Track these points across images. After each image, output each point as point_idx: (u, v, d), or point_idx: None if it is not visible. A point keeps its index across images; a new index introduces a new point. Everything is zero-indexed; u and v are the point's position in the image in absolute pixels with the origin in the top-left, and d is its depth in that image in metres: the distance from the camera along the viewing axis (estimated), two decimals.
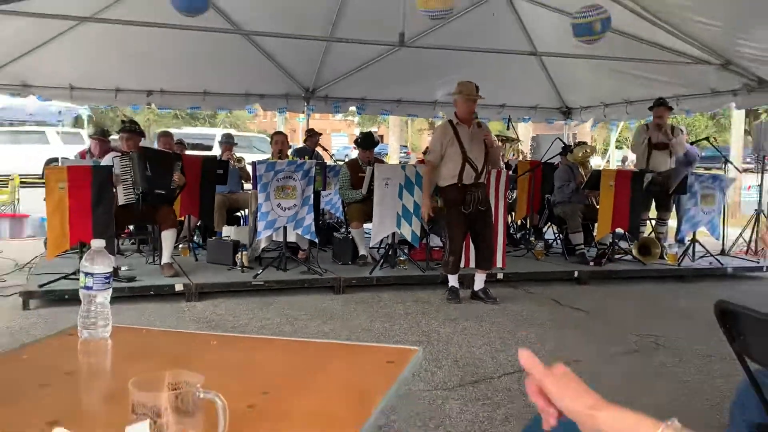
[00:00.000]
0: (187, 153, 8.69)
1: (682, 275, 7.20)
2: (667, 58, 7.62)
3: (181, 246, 7.09)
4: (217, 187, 7.46)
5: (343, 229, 7.68)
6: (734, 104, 8.40)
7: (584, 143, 9.10)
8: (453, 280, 5.93)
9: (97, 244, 1.59)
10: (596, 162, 15.72)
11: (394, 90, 10.17)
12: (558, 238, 8.39)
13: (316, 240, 6.65)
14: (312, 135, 9.35)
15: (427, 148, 7.35)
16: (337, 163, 9.47)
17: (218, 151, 9.23)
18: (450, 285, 5.93)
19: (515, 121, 10.78)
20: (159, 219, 6.09)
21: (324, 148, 9.81)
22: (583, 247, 7.52)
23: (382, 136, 27.83)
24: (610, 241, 7.57)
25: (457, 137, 5.63)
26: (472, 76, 6.28)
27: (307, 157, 7.80)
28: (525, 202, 8.31)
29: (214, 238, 7.17)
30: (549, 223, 8.64)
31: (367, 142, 7.30)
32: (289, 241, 6.50)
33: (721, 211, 7.81)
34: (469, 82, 5.74)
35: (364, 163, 7.13)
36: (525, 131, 16.54)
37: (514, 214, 8.68)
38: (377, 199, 6.41)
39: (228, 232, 7.35)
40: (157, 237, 6.31)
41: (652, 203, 8.10)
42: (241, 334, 3.00)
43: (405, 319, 5.26)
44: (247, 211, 7.93)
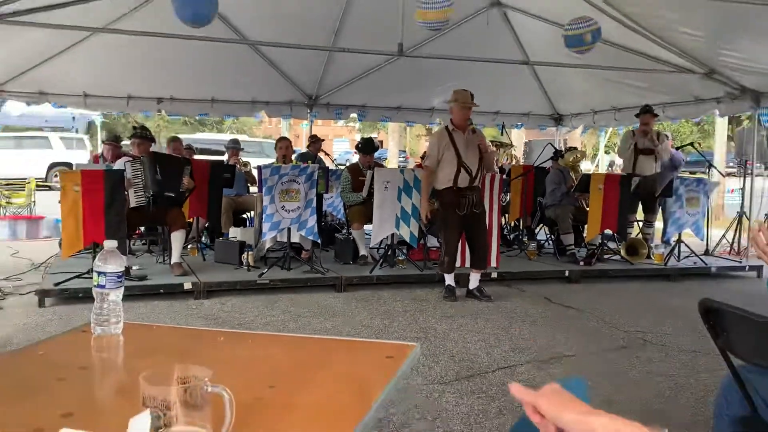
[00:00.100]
0: (196, 157, 8.69)
1: (668, 274, 7.20)
2: (654, 67, 7.63)
3: (189, 246, 7.09)
4: (224, 190, 7.46)
5: (345, 231, 7.68)
6: (717, 111, 8.41)
7: (574, 148, 9.10)
8: (449, 279, 5.92)
9: (109, 245, 1.59)
10: (586, 166, 15.72)
11: (394, 97, 10.18)
12: (550, 239, 8.39)
13: (319, 241, 6.64)
14: (315, 140, 9.35)
15: (424, 153, 7.35)
16: (339, 167, 9.46)
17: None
18: (446, 284, 5.93)
19: (509, 128, 10.78)
20: (169, 221, 6.09)
21: (326, 153, 9.82)
22: (573, 247, 7.53)
23: (381, 142, 27.74)
24: (600, 241, 7.57)
25: (453, 143, 5.63)
26: (468, 85, 6.28)
27: (310, 162, 7.80)
28: (518, 205, 8.31)
29: (222, 238, 7.17)
30: (541, 225, 8.64)
31: (367, 147, 7.31)
32: (293, 241, 6.50)
33: (705, 213, 7.81)
34: (464, 91, 5.74)
35: (364, 167, 7.13)
36: (518, 137, 16.53)
37: (507, 215, 8.67)
38: (377, 202, 6.41)
39: (234, 233, 7.34)
40: (167, 238, 6.30)
41: (639, 205, 8.11)
42: (247, 331, 3.00)
43: (403, 317, 5.26)
44: (252, 213, 7.94)
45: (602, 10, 6.77)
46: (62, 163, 17.23)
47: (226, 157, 8.66)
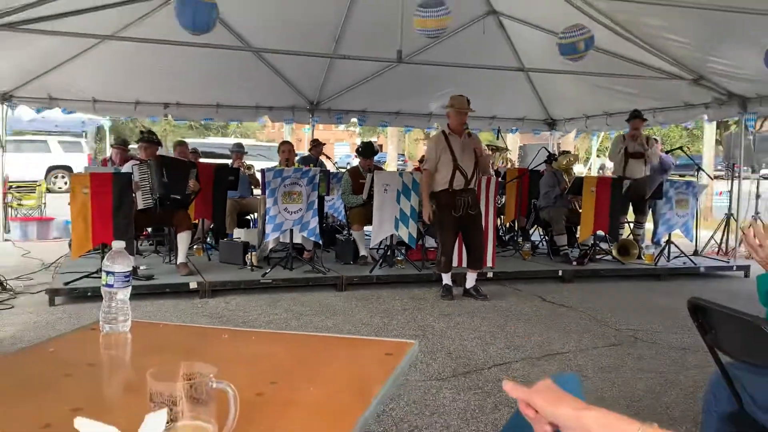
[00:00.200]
0: (204, 161, 8.69)
1: (659, 274, 7.20)
2: (644, 74, 7.64)
3: (195, 247, 7.09)
4: (229, 193, 7.46)
5: (345, 232, 7.68)
6: (706, 116, 8.42)
7: (568, 152, 9.10)
8: (446, 279, 5.92)
9: (117, 245, 1.59)
10: (579, 169, 15.71)
11: (393, 103, 10.19)
12: (543, 240, 8.39)
13: (320, 241, 6.64)
14: (316, 144, 9.35)
15: (422, 157, 7.35)
16: (340, 170, 9.46)
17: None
18: (444, 283, 5.92)
19: (504, 132, 10.79)
20: (175, 222, 6.09)
21: (327, 157, 9.82)
22: (566, 248, 7.53)
23: (381, 146, 27.76)
24: (592, 242, 7.57)
25: (449, 146, 5.63)
26: (465, 91, 6.29)
27: (311, 165, 7.80)
28: (513, 207, 8.32)
29: (226, 239, 7.17)
30: (535, 226, 8.64)
31: (367, 151, 7.31)
32: (295, 242, 6.50)
33: (694, 214, 7.81)
34: (460, 96, 5.74)
35: (364, 171, 7.13)
36: (513, 141, 16.50)
37: (503, 217, 8.67)
38: (377, 204, 6.41)
39: (239, 234, 7.34)
40: (173, 239, 6.31)
41: (629, 207, 8.12)
42: (250, 329, 3.00)
43: (402, 315, 5.25)
44: (256, 214, 7.93)
45: (595, 19, 6.79)
46: (61, 167, 17.17)
47: (230, 160, 8.66)
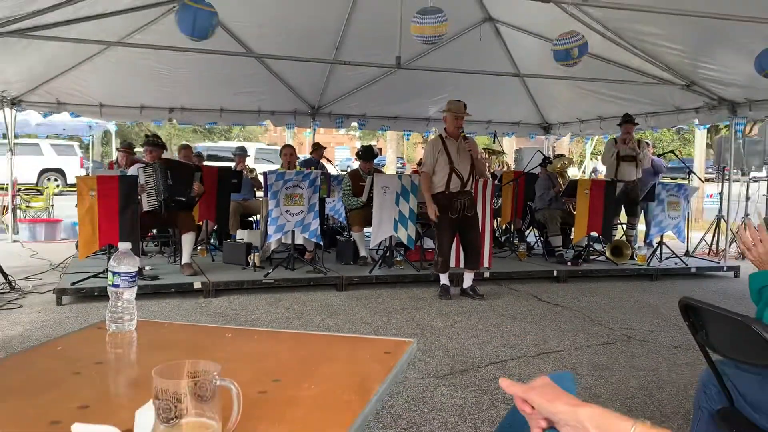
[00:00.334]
0: (206, 164, 8.69)
1: (651, 274, 7.20)
2: (637, 79, 7.65)
3: (199, 248, 7.08)
4: (232, 195, 7.46)
5: (346, 233, 7.68)
6: (697, 121, 8.42)
7: (562, 155, 9.11)
8: (444, 279, 5.92)
9: (123, 246, 1.59)
10: (573, 172, 15.72)
11: (392, 107, 10.19)
12: (539, 241, 8.39)
13: (321, 242, 6.64)
14: (317, 148, 9.36)
15: (420, 160, 7.36)
16: (342, 172, 9.47)
17: (251, 161, 9.21)
18: (441, 283, 5.92)
19: (500, 136, 10.80)
20: (179, 223, 6.09)
21: (328, 160, 9.82)
22: (561, 248, 7.53)
23: (380, 149, 27.77)
24: (586, 243, 7.58)
25: (446, 150, 5.64)
26: (462, 96, 6.30)
27: (313, 168, 7.80)
28: (509, 208, 8.32)
29: (229, 240, 7.17)
30: (531, 227, 8.65)
31: (367, 154, 7.31)
32: (297, 243, 6.50)
33: (686, 216, 7.82)
34: (457, 101, 5.74)
35: (364, 173, 7.13)
36: (509, 145, 16.54)
37: (499, 219, 8.68)
38: (376, 206, 6.41)
39: (241, 236, 7.34)
40: (178, 240, 6.31)
41: (622, 209, 8.12)
42: (253, 327, 3.00)
43: (401, 314, 5.25)
44: (258, 216, 7.93)
45: (589, 26, 6.80)
46: (53, 170, 17.09)
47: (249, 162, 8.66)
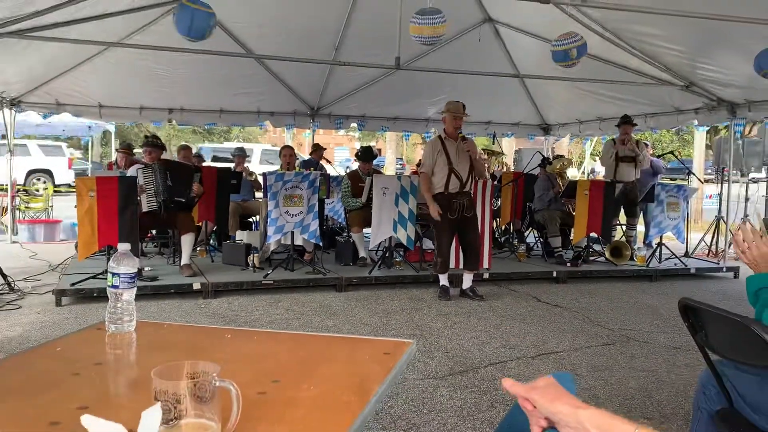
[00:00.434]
0: (213, 165, 8.70)
1: (650, 275, 7.20)
2: (636, 80, 7.65)
3: (198, 249, 7.08)
4: (231, 196, 7.46)
5: (345, 234, 7.67)
6: (696, 122, 8.43)
7: (561, 156, 9.12)
8: (443, 280, 5.92)
9: (123, 247, 1.59)
10: (572, 173, 15.72)
11: (391, 108, 10.19)
12: (538, 242, 8.39)
13: (321, 243, 6.64)
14: (317, 149, 9.36)
15: (420, 161, 7.36)
16: (340, 173, 9.47)
17: (256, 162, 9.21)
18: (441, 284, 5.92)
19: (500, 137, 10.81)
20: (179, 224, 6.08)
21: (328, 161, 9.83)
22: (560, 249, 7.53)
23: (380, 150, 27.79)
24: (585, 244, 7.58)
25: (445, 150, 5.64)
26: (461, 97, 6.30)
27: (312, 169, 7.80)
28: (509, 209, 8.32)
29: (229, 241, 7.16)
30: (530, 228, 8.65)
31: (366, 155, 7.31)
32: (296, 244, 6.50)
33: (685, 217, 7.82)
34: (456, 102, 5.75)
35: (363, 174, 7.13)
36: (508, 145, 16.54)
37: (498, 219, 8.68)
38: (376, 207, 6.41)
39: (241, 237, 7.33)
40: (177, 241, 6.30)
41: (621, 210, 8.12)
42: (252, 328, 3.00)
43: (400, 315, 5.25)
44: (258, 217, 7.93)
45: (588, 27, 6.80)
46: (41, 170, 17.06)
47: (255, 163, 8.66)
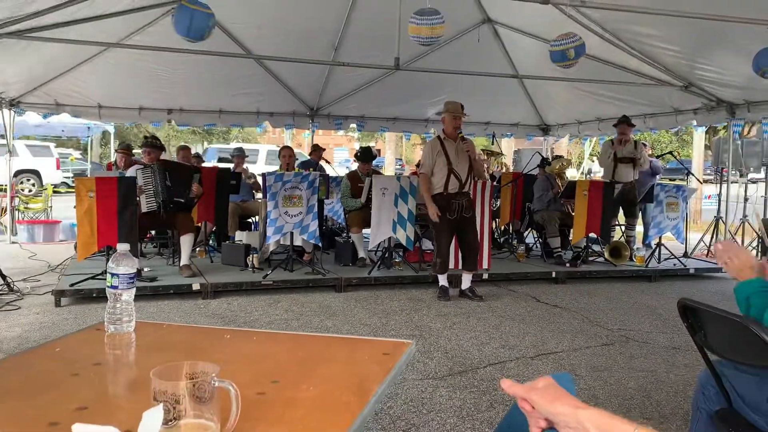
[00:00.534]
0: (204, 165, 8.69)
1: (649, 275, 7.20)
2: (635, 81, 7.66)
3: (198, 249, 7.08)
4: (231, 196, 7.46)
5: (344, 234, 7.67)
6: (695, 122, 8.44)
7: (561, 157, 9.11)
8: (443, 280, 5.92)
9: (122, 248, 1.59)
10: (572, 173, 15.73)
11: (391, 109, 10.20)
12: (537, 242, 8.39)
13: (320, 244, 6.64)
14: (316, 149, 9.36)
15: (419, 162, 7.36)
16: (339, 174, 9.47)
17: (262, 163, 9.22)
18: (440, 284, 5.92)
19: (499, 137, 10.81)
20: (178, 225, 6.08)
21: (327, 161, 9.83)
22: (560, 250, 7.53)
23: (379, 150, 27.79)
24: (585, 244, 7.58)
25: (444, 151, 5.64)
26: (460, 97, 6.30)
27: (311, 169, 7.80)
28: (508, 210, 8.32)
29: (228, 242, 7.16)
30: (529, 229, 8.65)
31: (366, 155, 7.31)
32: (296, 244, 6.50)
33: (684, 217, 7.83)
34: (455, 102, 5.75)
35: (363, 175, 7.14)
36: (508, 146, 16.55)
37: (498, 220, 8.68)
38: (375, 207, 6.41)
39: (240, 237, 7.33)
40: (177, 241, 6.30)
41: (620, 210, 8.13)
42: (252, 329, 3.00)
43: (400, 315, 5.25)
44: (257, 217, 7.93)
45: (587, 27, 6.81)
46: (28, 171, 17.02)
47: (261, 164, 8.66)
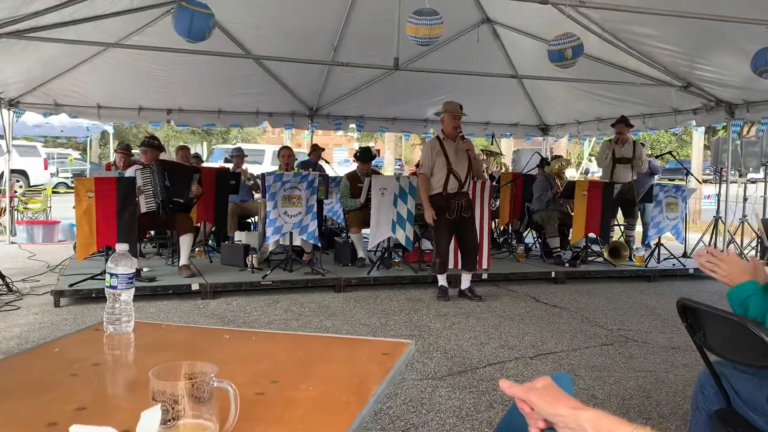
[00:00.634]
0: (203, 165, 8.69)
1: (649, 275, 7.21)
2: (634, 81, 7.66)
3: (197, 249, 7.07)
4: (230, 196, 7.46)
5: (344, 234, 7.67)
6: (694, 122, 8.44)
7: (560, 157, 9.11)
8: (442, 280, 5.92)
9: (121, 248, 1.59)
10: (571, 173, 15.73)
11: (390, 109, 10.19)
12: (537, 242, 8.40)
13: (319, 244, 6.64)
14: (315, 149, 9.36)
15: (419, 162, 7.36)
16: (339, 174, 9.47)
17: (268, 163, 9.22)
18: (439, 284, 5.92)
19: (498, 137, 10.80)
20: (177, 225, 6.08)
21: (326, 161, 9.83)
22: (559, 250, 7.53)
23: (378, 150, 27.82)
24: (584, 244, 7.58)
25: (444, 151, 5.64)
26: (460, 97, 6.30)
27: (310, 169, 7.80)
28: (507, 210, 8.32)
29: (227, 242, 7.17)
30: (529, 229, 8.65)
31: (365, 155, 7.31)
32: (295, 245, 6.49)
33: (684, 217, 7.83)
34: (454, 102, 5.75)
35: (362, 175, 7.14)
36: (507, 146, 16.57)
37: (497, 220, 8.68)
38: (374, 207, 6.41)
39: (239, 237, 7.34)
40: (176, 241, 6.30)
41: (618, 210, 8.13)
42: (251, 329, 2.99)
43: (399, 315, 5.25)
44: (257, 217, 7.93)
45: (586, 27, 6.81)
46: (15, 171, 17.01)
47: (267, 164, 8.66)
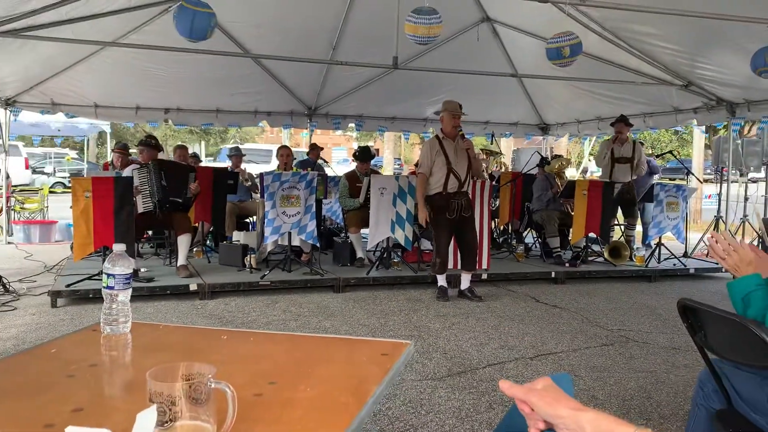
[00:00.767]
0: (201, 165, 8.68)
1: (649, 275, 7.21)
2: (635, 80, 7.67)
3: (195, 249, 7.07)
4: (228, 196, 7.45)
5: (343, 234, 7.67)
6: (695, 121, 8.45)
7: (560, 156, 9.11)
8: (441, 280, 5.92)
9: (118, 248, 1.59)
10: (571, 173, 15.74)
11: (389, 108, 10.20)
12: (537, 242, 8.40)
13: (318, 244, 6.63)
14: (314, 148, 9.36)
15: (418, 161, 7.36)
16: (338, 174, 9.47)
17: (275, 164, 9.20)
18: (439, 284, 5.92)
19: (498, 137, 10.81)
20: (175, 225, 6.08)
21: (325, 161, 9.82)
22: (559, 250, 7.54)
23: (377, 150, 27.80)
24: (584, 244, 7.58)
25: (443, 150, 5.64)
26: (459, 96, 6.30)
27: (309, 169, 7.80)
28: (507, 210, 8.32)
29: (225, 242, 7.16)
30: (528, 229, 8.65)
31: (364, 155, 7.31)
32: (294, 245, 6.50)
33: (684, 217, 7.83)
34: (453, 101, 5.75)
35: (361, 174, 7.14)
36: (507, 145, 16.56)
37: (497, 220, 8.68)
38: (373, 207, 6.41)
39: (238, 237, 7.33)
40: (174, 241, 6.30)
41: (618, 210, 8.14)
42: (249, 329, 2.99)
43: (398, 316, 5.25)
44: (255, 217, 7.92)
45: (586, 26, 6.82)
46: None
47: (274, 164, 8.65)
